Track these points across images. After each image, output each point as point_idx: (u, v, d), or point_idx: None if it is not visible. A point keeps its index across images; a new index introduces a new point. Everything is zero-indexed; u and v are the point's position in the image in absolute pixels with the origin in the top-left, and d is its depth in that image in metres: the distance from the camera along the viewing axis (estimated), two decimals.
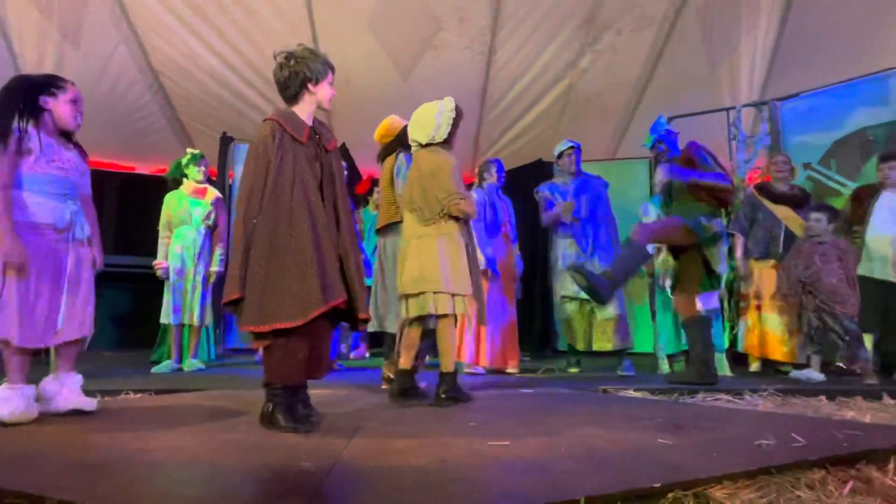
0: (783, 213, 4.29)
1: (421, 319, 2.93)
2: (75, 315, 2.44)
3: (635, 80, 6.76)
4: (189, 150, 4.73)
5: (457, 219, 2.92)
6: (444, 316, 2.85)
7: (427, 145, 3.01)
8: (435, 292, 2.82)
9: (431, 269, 2.83)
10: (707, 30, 6.18)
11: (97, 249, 2.62)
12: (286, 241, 2.21)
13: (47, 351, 2.68)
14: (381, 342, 3.71)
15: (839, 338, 3.72)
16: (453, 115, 3.00)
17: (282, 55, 2.39)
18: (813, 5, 5.71)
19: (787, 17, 5.86)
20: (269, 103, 6.84)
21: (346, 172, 4.56)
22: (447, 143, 3.02)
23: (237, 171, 6.19)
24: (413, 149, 3.11)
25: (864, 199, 4.23)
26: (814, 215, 3.94)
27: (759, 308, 4.27)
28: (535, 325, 6.64)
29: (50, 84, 2.45)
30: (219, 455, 1.80)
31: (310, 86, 2.38)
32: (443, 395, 2.84)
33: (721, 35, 6.15)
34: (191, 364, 4.41)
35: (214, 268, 4.53)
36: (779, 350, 4.16)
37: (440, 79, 6.44)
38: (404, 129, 3.41)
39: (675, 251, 3.87)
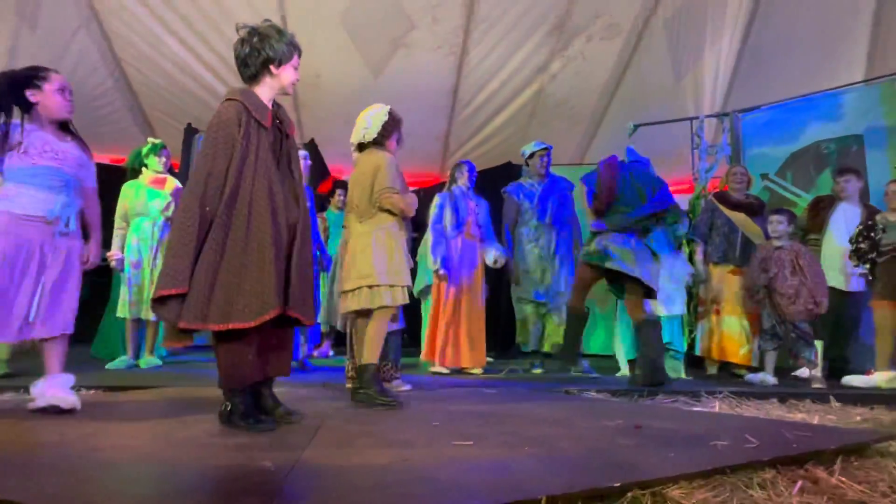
0: (740, 219, 4.44)
1: (366, 313, 2.93)
2: (55, 310, 2.36)
3: (603, 86, 6.87)
4: (150, 140, 4.59)
5: (393, 213, 2.96)
6: (383, 308, 2.88)
7: (361, 147, 3.09)
8: (370, 286, 2.85)
9: (366, 263, 2.86)
10: (673, 41, 6.34)
11: (94, 244, 2.57)
12: (244, 235, 2.07)
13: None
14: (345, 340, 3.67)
15: (792, 337, 3.87)
16: (386, 118, 3.05)
17: (245, 30, 2.25)
18: (774, 21, 5.93)
19: (749, 31, 6.06)
20: None
21: (308, 168, 4.52)
22: (380, 145, 3.06)
23: None
24: (352, 151, 3.16)
25: (821, 209, 4.40)
26: (775, 217, 4.08)
27: (717, 312, 4.40)
28: (501, 326, 6.68)
29: (33, 77, 2.39)
30: (176, 454, 1.75)
31: (272, 67, 2.24)
32: (360, 391, 2.82)
33: (687, 47, 6.32)
34: (148, 361, 4.27)
35: None
36: (736, 353, 4.30)
37: (411, 77, 6.42)
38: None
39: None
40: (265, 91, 2.27)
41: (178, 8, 5.94)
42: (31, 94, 2.36)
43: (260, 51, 2.21)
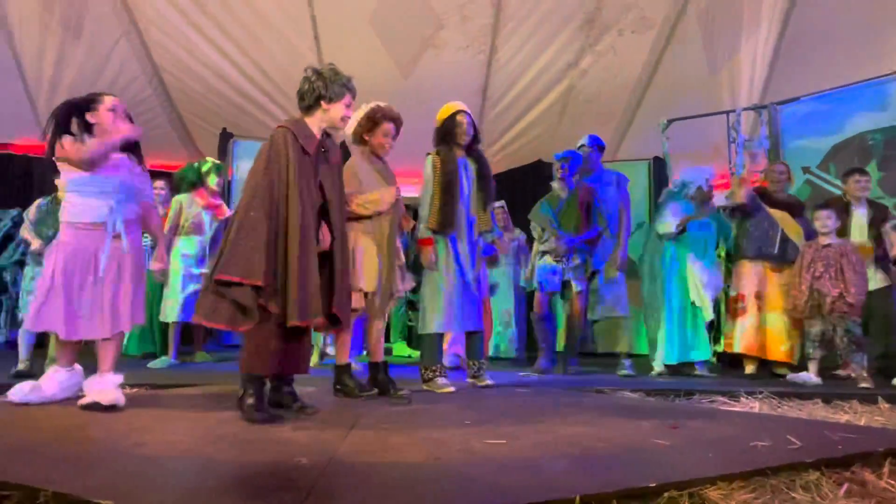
0: (781, 216, 4.30)
1: None
2: (110, 311, 2.49)
3: (635, 81, 6.75)
4: (210, 159, 4.81)
5: (365, 217, 3.02)
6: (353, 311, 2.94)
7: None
8: None
9: None
10: (708, 33, 6.18)
11: (161, 249, 2.85)
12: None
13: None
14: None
15: (845, 342, 3.74)
16: (360, 115, 3.12)
17: (310, 69, 2.59)
18: (814, 10, 5.71)
19: (788, 19, 5.86)
20: (270, 100, 6.83)
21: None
22: (361, 142, 3.17)
23: (241, 168, 6.17)
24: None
25: (838, 212, 4.24)
26: (822, 213, 3.92)
27: (759, 308, 4.25)
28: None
29: (90, 101, 2.65)
30: (214, 449, 1.79)
31: (323, 102, 2.54)
32: (337, 387, 2.97)
33: (722, 38, 6.15)
34: (202, 357, 4.60)
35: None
36: (777, 350, 4.16)
37: (441, 77, 6.43)
38: (446, 118, 3.45)
39: None
40: (315, 122, 2.57)
41: (214, 15, 6.08)
42: (89, 117, 2.63)
43: (315, 88, 2.54)
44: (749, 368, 4.30)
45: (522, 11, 6.11)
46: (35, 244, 3.80)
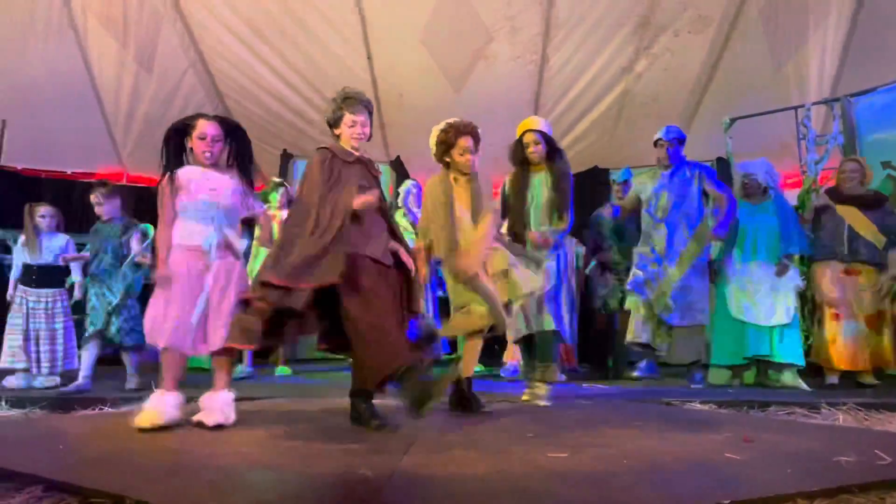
0: (849, 213, 4.03)
1: None
2: (217, 327, 2.54)
3: (694, 81, 6.54)
4: (273, 178, 5.01)
5: None
6: None
7: None
8: None
9: None
10: (771, 27, 5.92)
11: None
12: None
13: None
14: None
15: None
16: (433, 138, 3.06)
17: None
18: None
19: (859, 6, 5.53)
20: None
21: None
22: (446, 164, 3.07)
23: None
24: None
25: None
26: None
27: (837, 317, 3.99)
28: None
29: (186, 125, 2.72)
30: (282, 461, 1.85)
31: (334, 130, 2.69)
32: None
33: (786, 32, 5.88)
34: (282, 370, 4.75)
35: None
36: (858, 360, 3.89)
37: (492, 89, 6.45)
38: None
39: None
40: (346, 144, 2.69)
41: (273, 42, 6.37)
42: (187, 141, 2.72)
43: (327, 118, 2.73)
44: (830, 378, 4.02)
45: (573, 19, 6.06)
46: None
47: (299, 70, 6.63)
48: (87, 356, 3.75)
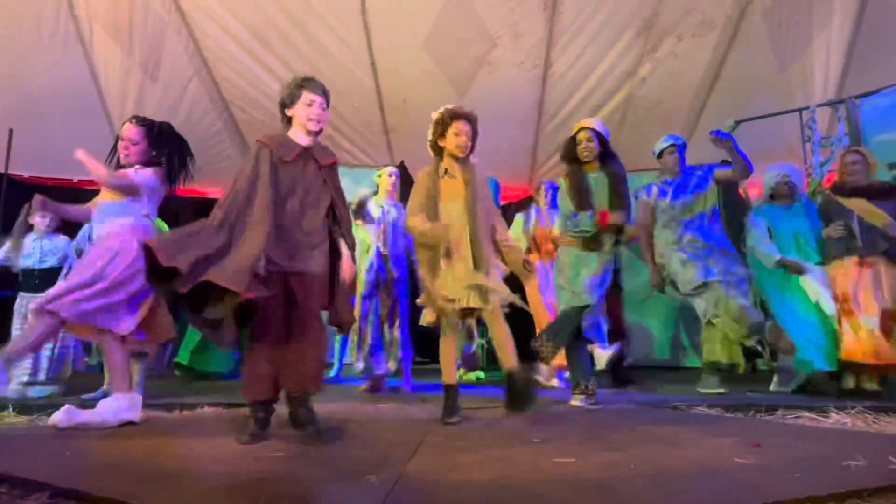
0: (858, 205, 3.96)
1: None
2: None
3: (698, 85, 6.53)
4: None
5: None
6: None
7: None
8: None
9: None
10: (775, 30, 5.91)
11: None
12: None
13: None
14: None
15: None
16: (432, 124, 3.09)
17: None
18: None
19: (864, 7, 5.52)
20: (330, 126, 7.07)
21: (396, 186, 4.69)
22: (439, 151, 3.09)
23: None
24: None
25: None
26: None
27: (850, 312, 3.89)
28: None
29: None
30: (288, 465, 1.85)
31: (287, 111, 2.57)
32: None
33: (791, 32, 5.86)
34: None
35: None
36: (886, 351, 3.75)
37: (496, 94, 6.45)
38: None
39: None
40: (294, 132, 2.58)
41: (276, 50, 6.38)
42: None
43: (280, 100, 2.59)
44: (847, 382, 3.88)
45: (576, 24, 6.06)
46: None
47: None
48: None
